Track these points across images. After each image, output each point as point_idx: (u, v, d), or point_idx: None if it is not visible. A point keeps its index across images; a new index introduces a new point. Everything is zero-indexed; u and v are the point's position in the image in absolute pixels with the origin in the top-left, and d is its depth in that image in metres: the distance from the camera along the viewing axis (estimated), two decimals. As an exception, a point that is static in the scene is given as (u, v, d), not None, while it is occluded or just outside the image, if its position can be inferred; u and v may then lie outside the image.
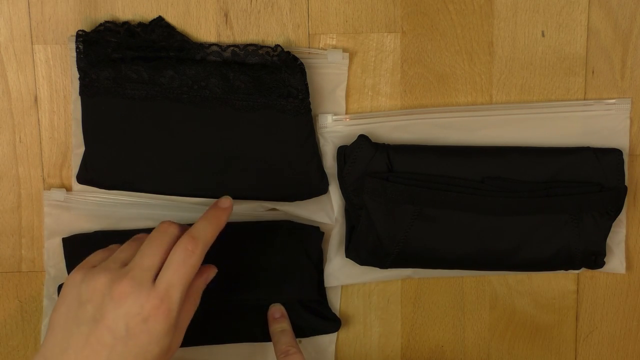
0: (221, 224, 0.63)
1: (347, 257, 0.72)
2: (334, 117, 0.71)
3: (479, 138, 0.71)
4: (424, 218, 0.68)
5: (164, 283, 0.58)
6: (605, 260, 0.72)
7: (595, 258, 0.71)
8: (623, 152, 0.70)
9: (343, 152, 0.70)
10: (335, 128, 0.71)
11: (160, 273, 0.59)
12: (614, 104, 0.72)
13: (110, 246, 0.64)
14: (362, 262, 0.72)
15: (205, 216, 0.63)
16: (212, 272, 0.65)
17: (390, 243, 0.69)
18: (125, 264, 0.60)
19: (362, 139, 0.69)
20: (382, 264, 0.71)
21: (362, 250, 0.71)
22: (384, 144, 0.70)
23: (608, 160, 0.70)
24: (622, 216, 0.73)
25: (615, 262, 0.74)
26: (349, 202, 0.70)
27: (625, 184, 0.70)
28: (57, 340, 0.58)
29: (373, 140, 0.70)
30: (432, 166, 0.69)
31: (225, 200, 0.65)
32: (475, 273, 0.74)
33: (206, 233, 0.61)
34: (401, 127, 0.71)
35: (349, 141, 0.70)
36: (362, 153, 0.69)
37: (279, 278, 0.71)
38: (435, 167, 0.69)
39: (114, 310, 0.57)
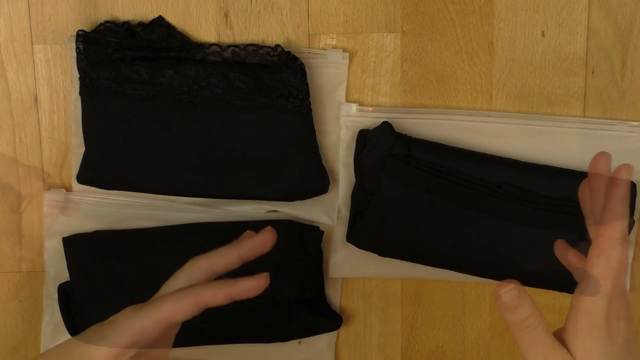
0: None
1: (347, 240, 0.72)
2: (357, 106, 0.71)
3: (502, 144, 0.71)
4: (436, 210, 0.68)
5: None
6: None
7: None
8: None
9: (364, 136, 0.70)
10: (357, 118, 0.71)
11: None
12: (637, 126, 0.71)
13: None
14: (362, 245, 0.71)
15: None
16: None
17: (396, 228, 0.69)
18: None
19: (386, 125, 0.69)
20: (382, 250, 0.71)
21: (365, 232, 0.70)
22: (405, 134, 0.70)
23: None
24: (632, 236, 0.72)
25: None
26: (361, 185, 0.70)
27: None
28: None
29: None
30: (451, 163, 0.69)
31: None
32: (471, 278, 0.74)
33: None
34: (423, 124, 0.71)
35: None
36: (383, 139, 0.69)
37: (278, 276, 0.70)
38: (454, 164, 0.69)
39: None
